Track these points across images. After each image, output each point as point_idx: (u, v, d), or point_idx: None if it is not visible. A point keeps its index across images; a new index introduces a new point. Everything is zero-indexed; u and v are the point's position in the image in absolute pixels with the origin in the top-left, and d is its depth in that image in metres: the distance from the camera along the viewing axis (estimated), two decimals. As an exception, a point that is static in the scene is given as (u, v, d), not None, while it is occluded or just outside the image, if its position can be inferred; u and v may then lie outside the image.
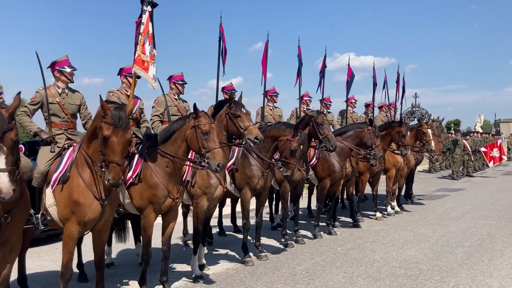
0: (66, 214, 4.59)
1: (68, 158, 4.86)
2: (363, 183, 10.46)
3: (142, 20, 5.72)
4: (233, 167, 6.85)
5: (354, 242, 8.25)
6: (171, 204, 5.41)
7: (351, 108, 11.77)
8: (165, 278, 5.63)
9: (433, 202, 13.29)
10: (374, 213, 10.69)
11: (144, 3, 5.75)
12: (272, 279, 6.14)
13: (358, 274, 6.28)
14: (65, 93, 5.56)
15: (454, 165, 20.69)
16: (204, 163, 5.13)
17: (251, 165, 6.86)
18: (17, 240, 4.12)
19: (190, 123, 5.26)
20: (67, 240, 4.61)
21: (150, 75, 5.74)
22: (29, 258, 5.89)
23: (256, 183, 6.84)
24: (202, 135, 5.14)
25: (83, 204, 4.50)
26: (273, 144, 6.81)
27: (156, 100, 6.96)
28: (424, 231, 9.16)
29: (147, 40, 5.71)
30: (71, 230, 4.57)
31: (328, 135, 7.58)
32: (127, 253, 7.57)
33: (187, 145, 5.31)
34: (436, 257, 7.12)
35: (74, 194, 4.53)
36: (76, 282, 5.95)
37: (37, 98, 5.41)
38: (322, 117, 7.75)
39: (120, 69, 6.71)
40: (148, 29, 5.72)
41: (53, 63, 5.59)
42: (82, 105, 5.73)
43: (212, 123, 5.30)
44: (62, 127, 5.46)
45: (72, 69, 5.60)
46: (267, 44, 9.12)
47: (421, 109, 23.56)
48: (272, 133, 6.86)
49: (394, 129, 10.00)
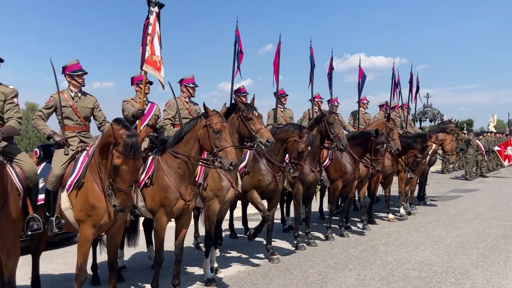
0: (81, 217, 4.62)
1: (82, 162, 4.88)
2: (375, 185, 10.37)
3: (150, 21, 5.80)
4: (244, 170, 6.84)
5: (366, 244, 8.18)
6: (184, 207, 5.39)
7: (363, 109, 11.70)
8: (177, 281, 5.62)
9: (446, 203, 13.15)
10: (387, 215, 10.60)
11: (151, 4, 5.84)
12: (284, 281, 6.10)
13: (371, 277, 6.23)
14: (78, 96, 5.64)
15: (467, 166, 20.47)
16: (216, 162, 5.10)
17: (261, 169, 6.89)
18: (12, 246, 4.13)
19: (202, 122, 5.26)
20: (82, 243, 4.64)
21: (162, 75, 5.82)
22: (42, 261, 5.92)
23: (267, 186, 6.84)
24: (214, 134, 5.13)
25: (98, 207, 4.53)
26: (282, 146, 6.82)
27: (167, 103, 7.00)
28: (438, 232, 9.06)
29: (156, 40, 5.78)
30: (86, 233, 4.60)
31: (339, 134, 7.55)
32: (139, 256, 7.59)
33: (199, 145, 5.30)
34: (450, 259, 7.03)
35: (90, 198, 4.56)
36: (88, 285, 5.97)
37: (51, 102, 5.51)
38: (333, 117, 7.72)
39: (131, 78, 6.82)
40: (155, 29, 5.78)
41: (63, 68, 5.66)
42: (96, 108, 5.79)
43: (224, 121, 5.27)
44: (75, 129, 5.52)
45: (81, 73, 5.65)
46: (279, 46, 9.06)
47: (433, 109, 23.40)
48: (281, 135, 6.86)
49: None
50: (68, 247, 8.18)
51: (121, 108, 6.62)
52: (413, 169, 10.11)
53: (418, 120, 21.83)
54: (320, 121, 7.76)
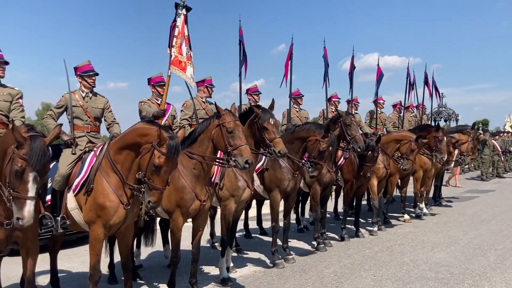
0: (91, 217, 4.63)
1: (90, 163, 4.85)
2: (392, 185, 10.30)
3: (177, 24, 5.92)
4: (263, 168, 6.83)
5: (382, 245, 8.14)
6: (199, 207, 5.41)
7: (379, 108, 11.63)
8: (194, 280, 5.65)
9: (462, 204, 13.02)
10: (402, 215, 10.53)
11: (179, 7, 5.98)
12: (300, 282, 6.10)
13: (387, 277, 6.19)
14: (88, 97, 5.73)
15: (483, 166, 20.25)
16: (231, 161, 5.11)
17: (281, 167, 6.82)
18: (31, 244, 4.18)
19: (215, 122, 5.28)
20: (94, 243, 4.66)
21: (188, 75, 5.96)
22: (59, 259, 6.01)
23: (286, 186, 6.82)
24: (227, 133, 5.14)
25: (108, 207, 4.54)
26: (302, 145, 6.79)
27: (185, 104, 7.06)
28: (454, 233, 8.98)
29: (184, 42, 5.89)
30: (97, 233, 4.62)
31: (356, 136, 7.52)
32: (155, 255, 7.64)
33: (213, 145, 5.32)
34: (468, 260, 6.96)
35: (100, 198, 4.56)
36: (105, 283, 6.03)
37: (62, 102, 5.63)
38: (350, 118, 7.69)
39: (148, 79, 6.88)
40: (184, 31, 5.91)
41: (75, 68, 5.75)
42: (106, 109, 5.87)
43: (237, 120, 5.28)
44: (84, 129, 5.61)
45: (92, 74, 5.74)
46: (291, 48, 9.04)
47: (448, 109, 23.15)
48: (302, 134, 6.83)
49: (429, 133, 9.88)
50: (84, 246, 8.21)
51: (137, 109, 6.69)
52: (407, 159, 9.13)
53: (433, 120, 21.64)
54: (337, 122, 7.72)
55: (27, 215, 3.54)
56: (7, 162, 3.64)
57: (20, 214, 3.53)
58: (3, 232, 3.85)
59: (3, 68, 4.94)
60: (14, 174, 3.54)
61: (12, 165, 3.54)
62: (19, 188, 3.54)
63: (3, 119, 4.91)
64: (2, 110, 4.92)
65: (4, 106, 4.93)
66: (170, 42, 5.94)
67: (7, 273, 5.88)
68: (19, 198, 3.53)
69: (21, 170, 3.53)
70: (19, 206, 3.54)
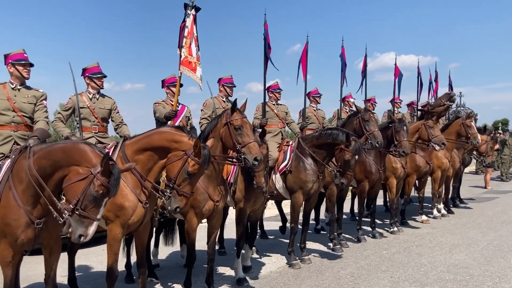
0: (110, 217, 4.65)
1: None
2: (409, 185, 10.18)
3: (186, 24, 5.94)
4: (285, 170, 6.80)
5: (399, 246, 8.04)
6: (213, 208, 5.41)
7: (396, 108, 11.52)
8: (211, 279, 5.67)
9: (482, 204, 12.80)
10: (420, 216, 10.40)
11: (188, 7, 6.00)
12: (316, 282, 6.06)
13: (404, 279, 6.12)
14: (96, 98, 5.84)
15: (502, 166, 19.90)
16: (241, 159, 5.08)
17: (306, 169, 6.78)
18: (54, 243, 4.23)
19: (223, 120, 5.26)
20: (112, 242, 4.68)
21: (198, 75, 5.92)
22: (77, 259, 6.05)
23: (310, 188, 6.77)
24: (235, 131, 5.12)
25: (127, 207, 4.55)
26: (329, 151, 6.71)
27: (205, 103, 7.09)
28: (473, 234, 8.84)
29: (193, 42, 5.91)
30: (115, 233, 4.64)
31: (374, 131, 7.44)
32: (172, 254, 7.67)
33: (223, 143, 5.30)
34: (487, 262, 6.84)
35: (118, 198, 4.51)
36: (122, 283, 6.07)
37: (69, 104, 5.73)
38: (369, 114, 7.61)
39: (162, 81, 6.94)
40: (193, 31, 5.93)
41: (83, 70, 5.81)
42: (113, 110, 5.94)
43: (244, 117, 5.24)
44: (92, 130, 5.71)
45: (100, 76, 5.82)
46: (306, 45, 9.00)
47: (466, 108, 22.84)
48: (327, 140, 6.72)
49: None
50: (102, 246, 8.30)
51: (152, 110, 6.74)
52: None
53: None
54: (355, 118, 7.63)
55: (91, 234, 3.58)
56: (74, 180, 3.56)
57: (84, 232, 3.53)
58: (32, 231, 3.91)
59: (28, 70, 4.99)
60: (91, 198, 3.50)
61: (91, 188, 3.49)
62: (90, 209, 3.52)
63: (27, 122, 4.96)
64: (26, 112, 4.95)
65: (29, 108, 4.97)
66: (180, 42, 5.98)
67: (26, 272, 5.95)
68: (87, 217, 3.52)
69: (99, 196, 3.53)
70: (85, 224, 3.53)
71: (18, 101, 4.92)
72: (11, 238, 3.87)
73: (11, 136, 4.82)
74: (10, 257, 3.95)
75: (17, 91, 4.96)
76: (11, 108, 4.88)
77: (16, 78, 4.96)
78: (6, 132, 4.83)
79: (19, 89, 4.97)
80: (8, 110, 4.87)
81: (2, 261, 3.98)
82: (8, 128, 4.85)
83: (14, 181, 3.92)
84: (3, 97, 4.87)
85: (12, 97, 4.90)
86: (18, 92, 4.96)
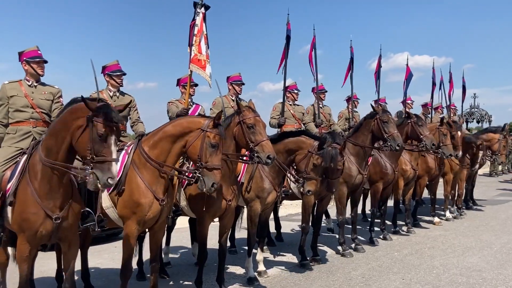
0: (126, 214, 4.66)
1: (122, 161, 4.79)
2: (421, 187, 10.10)
3: (196, 22, 5.99)
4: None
5: (411, 248, 7.99)
6: (225, 207, 5.40)
7: (408, 109, 11.41)
8: (221, 278, 5.68)
9: (495, 207, 12.66)
10: (432, 218, 10.31)
11: (198, 6, 6.04)
12: (327, 283, 6.05)
13: (416, 281, 6.08)
14: (116, 96, 5.88)
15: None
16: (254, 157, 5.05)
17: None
18: (73, 237, 4.27)
19: (236, 119, 5.25)
20: (127, 239, 4.69)
21: (207, 73, 5.94)
22: (89, 255, 6.09)
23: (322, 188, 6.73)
24: (248, 129, 5.10)
25: (144, 204, 4.55)
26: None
27: (214, 102, 7.12)
28: (486, 237, 8.74)
29: (203, 40, 5.94)
30: (131, 229, 4.65)
31: (393, 133, 7.28)
32: (183, 253, 7.71)
33: (236, 142, 5.29)
34: (501, 265, 6.77)
35: (135, 195, 4.57)
36: (134, 280, 6.11)
37: None
38: (387, 115, 7.45)
39: (177, 79, 6.97)
40: (202, 30, 5.96)
41: (103, 68, 5.84)
42: (132, 107, 5.97)
43: (257, 115, 5.23)
44: None
45: (120, 74, 5.85)
46: (314, 39, 8.65)
47: (480, 110, 22.63)
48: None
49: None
50: (114, 243, 8.40)
51: (166, 109, 6.77)
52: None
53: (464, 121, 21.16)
54: (372, 119, 7.50)
55: (115, 173, 3.69)
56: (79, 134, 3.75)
57: (111, 174, 3.63)
58: (50, 224, 3.95)
59: (42, 67, 5.05)
60: (98, 140, 3.65)
61: (93, 132, 3.65)
62: (104, 152, 3.66)
63: (45, 118, 5.02)
64: (44, 108, 5.03)
65: (46, 104, 5.05)
66: (190, 40, 6.01)
67: (39, 267, 6.00)
68: (105, 161, 3.63)
69: (105, 134, 3.66)
70: (106, 168, 3.63)
71: (36, 98, 5.00)
72: (30, 232, 3.95)
73: (30, 132, 4.89)
74: (27, 252, 4.03)
75: (34, 88, 5.03)
76: (29, 105, 4.95)
77: (31, 76, 5.04)
78: (26, 128, 4.91)
79: (36, 86, 5.05)
80: (26, 107, 4.95)
81: (20, 256, 4.07)
82: (27, 124, 4.93)
83: (31, 175, 4.01)
84: (21, 94, 4.94)
85: (30, 94, 4.97)
86: (35, 89, 5.04)
